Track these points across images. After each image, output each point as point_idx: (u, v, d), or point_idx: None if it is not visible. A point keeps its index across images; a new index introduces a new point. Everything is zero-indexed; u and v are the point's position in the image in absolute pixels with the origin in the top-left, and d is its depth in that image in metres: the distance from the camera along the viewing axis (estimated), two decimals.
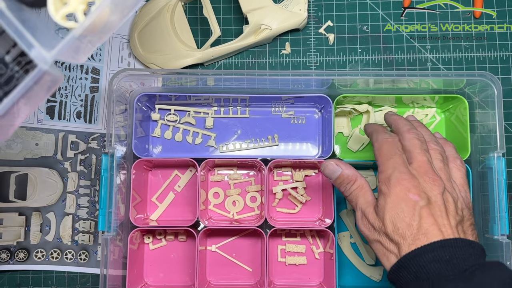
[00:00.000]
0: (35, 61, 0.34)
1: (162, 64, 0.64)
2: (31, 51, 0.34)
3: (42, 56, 0.34)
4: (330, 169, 0.50)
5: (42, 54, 0.34)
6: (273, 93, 0.62)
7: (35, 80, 0.34)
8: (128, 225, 0.60)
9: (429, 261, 0.41)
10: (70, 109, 0.65)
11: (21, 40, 0.33)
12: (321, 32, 0.67)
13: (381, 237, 0.45)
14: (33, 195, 0.64)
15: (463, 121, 0.60)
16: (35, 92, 0.35)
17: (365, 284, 0.61)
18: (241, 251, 0.62)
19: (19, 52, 0.34)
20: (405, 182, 0.44)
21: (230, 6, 0.67)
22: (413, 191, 0.44)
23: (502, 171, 0.56)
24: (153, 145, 0.64)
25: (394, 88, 0.61)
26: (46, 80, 0.35)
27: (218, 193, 0.63)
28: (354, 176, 0.49)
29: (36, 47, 0.33)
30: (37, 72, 0.34)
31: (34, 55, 0.34)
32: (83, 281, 0.63)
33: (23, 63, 0.34)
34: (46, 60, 0.34)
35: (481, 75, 0.57)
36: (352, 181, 0.49)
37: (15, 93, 0.34)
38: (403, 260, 0.43)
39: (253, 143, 0.64)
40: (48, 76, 0.34)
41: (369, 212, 0.47)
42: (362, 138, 0.63)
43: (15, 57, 0.34)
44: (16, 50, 0.34)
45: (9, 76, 0.34)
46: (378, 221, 0.45)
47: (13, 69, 0.34)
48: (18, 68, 0.34)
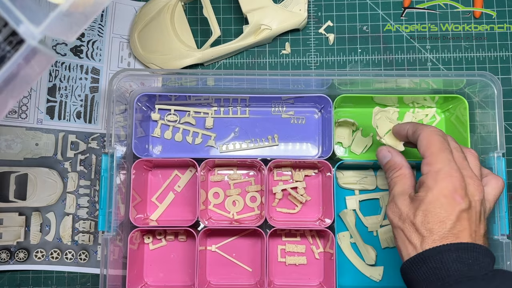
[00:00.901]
0: (23, 36, 0.33)
1: (162, 64, 0.64)
2: (20, 27, 0.33)
3: (31, 31, 0.33)
4: (382, 154, 0.51)
5: (30, 29, 0.33)
6: (273, 93, 0.62)
7: (24, 57, 0.33)
8: (128, 225, 0.60)
9: (453, 260, 0.41)
10: (70, 109, 0.65)
11: (8, 16, 0.33)
12: (321, 32, 0.67)
13: (405, 225, 0.45)
14: (33, 195, 0.64)
15: (463, 121, 0.60)
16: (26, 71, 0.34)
17: (365, 284, 0.61)
18: (241, 251, 0.62)
19: (10, 32, 0.34)
20: (454, 180, 0.44)
21: (230, 6, 0.67)
22: (460, 192, 0.44)
23: (502, 171, 0.56)
24: (153, 145, 0.64)
25: (394, 88, 0.61)
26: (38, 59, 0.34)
27: (218, 193, 0.63)
28: (400, 164, 0.49)
29: (25, 23, 0.33)
30: (26, 47, 0.33)
31: (22, 31, 0.33)
32: (83, 281, 0.63)
33: (14, 43, 0.34)
34: (34, 36, 0.33)
35: (481, 75, 0.57)
36: (396, 168, 0.49)
37: (4, 69, 0.33)
38: (425, 253, 0.42)
39: (253, 143, 0.64)
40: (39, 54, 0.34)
41: (401, 199, 0.47)
42: (364, 140, 0.63)
43: (6, 37, 0.34)
44: (7, 30, 0.34)
45: (1, 56, 0.34)
46: (408, 209, 0.45)
47: (5, 49, 0.34)
48: (10, 48, 0.34)
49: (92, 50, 0.66)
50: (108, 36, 0.67)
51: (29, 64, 0.34)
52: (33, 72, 0.35)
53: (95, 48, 0.66)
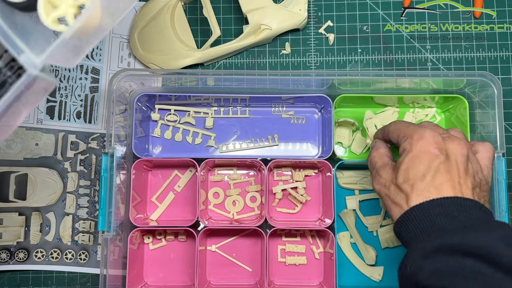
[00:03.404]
0: (24, 66, 0.33)
1: (162, 64, 0.64)
2: (21, 57, 0.33)
3: (31, 61, 0.33)
4: (372, 144, 0.54)
5: (31, 59, 0.33)
6: (273, 93, 0.62)
7: (25, 85, 0.34)
8: (128, 225, 0.60)
9: (436, 214, 0.41)
10: (70, 109, 0.65)
11: (10, 46, 0.33)
12: (321, 32, 0.67)
13: (390, 189, 0.46)
14: (33, 195, 0.64)
15: (463, 121, 0.60)
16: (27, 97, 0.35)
17: (365, 284, 0.61)
18: (241, 251, 0.62)
19: (11, 58, 0.34)
20: (429, 137, 0.45)
21: (230, 6, 0.67)
22: (437, 146, 0.45)
23: (502, 171, 0.56)
24: (153, 145, 0.64)
25: (394, 88, 0.61)
26: (39, 85, 0.34)
27: (218, 193, 0.63)
28: (379, 145, 0.52)
29: (26, 52, 0.33)
30: (26, 77, 0.34)
31: (23, 60, 0.33)
32: (83, 281, 0.63)
33: (15, 68, 0.34)
34: (36, 65, 0.34)
35: (481, 75, 0.57)
36: (374, 148, 0.52)
37: (6, 97, 0.34)
38: (410, 211, 0.43)
39: (253, 143, 0.64)
40: (40, 81, 0.34)
41: (384, 169, 0.48)
42: (364, 140, 0.63)
43: (7, 62, 0.34)
44: (8, 55, 0.34)
45: (2, 81, 0.34)
46: (391, 174, 0.46)
47: (6, 74, 0.34)
48: (11, 73, 0.34)
49: (92, 50, 0.66)
50: (108, 36, 0.67)
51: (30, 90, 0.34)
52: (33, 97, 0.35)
53: (95, 48, 0.66)
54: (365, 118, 0.63)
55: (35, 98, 0.36)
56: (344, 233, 0.62)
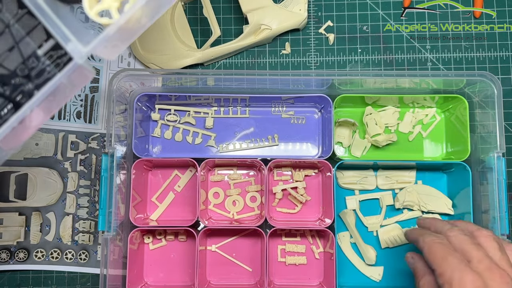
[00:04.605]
0: (72, 54, 0.35)
1: (162, 64, 0.64)
2: (68, 45, 0.35)
3: (78, 50, 0.35)
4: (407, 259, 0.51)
5: (78, 48, 0.35)
6: (273, 93, 0.62)
7: (69, 74, 0.35)
8: (128, 225, 0.60)
9: None
10: (70, 109, 0.65)
11: (58, 34, 0.34)
12: (321, 32, 0.67)
13: None
14: (33, 195, 0.64)
15: (463, 121, 0.60)
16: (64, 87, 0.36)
17: (365, 284, 0.61)
18: (241, 251, 0.62)
19: (51, 46, 0.35)
20: (469, 284, 0.41)
21: (230, 6, 0.67)
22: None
23: (502, 171, 0.56)
24: (153, 145, 0.64)
25: (394, 88, 0.61)
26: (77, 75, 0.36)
27: (218, 193, 0.63)
28: (423, 272, 0.48)
29: (73, 41, 0.34)
30: (72, 65, 0.35)
31: (70, 49, 0.35)
32: (83, 281, 0.63)
33: (54, 57, 0.35)
34: (82, 55, 0.35)
35: (481, 75, 0.57)
36: (420, 276, 0.48)
37: (50, 85, 0.35)
38: None
39: (253, 143, 0.64)
40: (80, 71, 0.35)
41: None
42: (363, 142, 0.63)
43: (46, 51, 0.35)
44: (48, 44, 0.35)
45: (41, 69, 0.35)
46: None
47: (45, 62, 0.35)
48: (49, 62, 0.35)
49: None
50: None
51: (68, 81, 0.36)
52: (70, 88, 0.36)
53: None
54: (365, 114, 0.63)
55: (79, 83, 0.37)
56: (344, 233, 0.62)
